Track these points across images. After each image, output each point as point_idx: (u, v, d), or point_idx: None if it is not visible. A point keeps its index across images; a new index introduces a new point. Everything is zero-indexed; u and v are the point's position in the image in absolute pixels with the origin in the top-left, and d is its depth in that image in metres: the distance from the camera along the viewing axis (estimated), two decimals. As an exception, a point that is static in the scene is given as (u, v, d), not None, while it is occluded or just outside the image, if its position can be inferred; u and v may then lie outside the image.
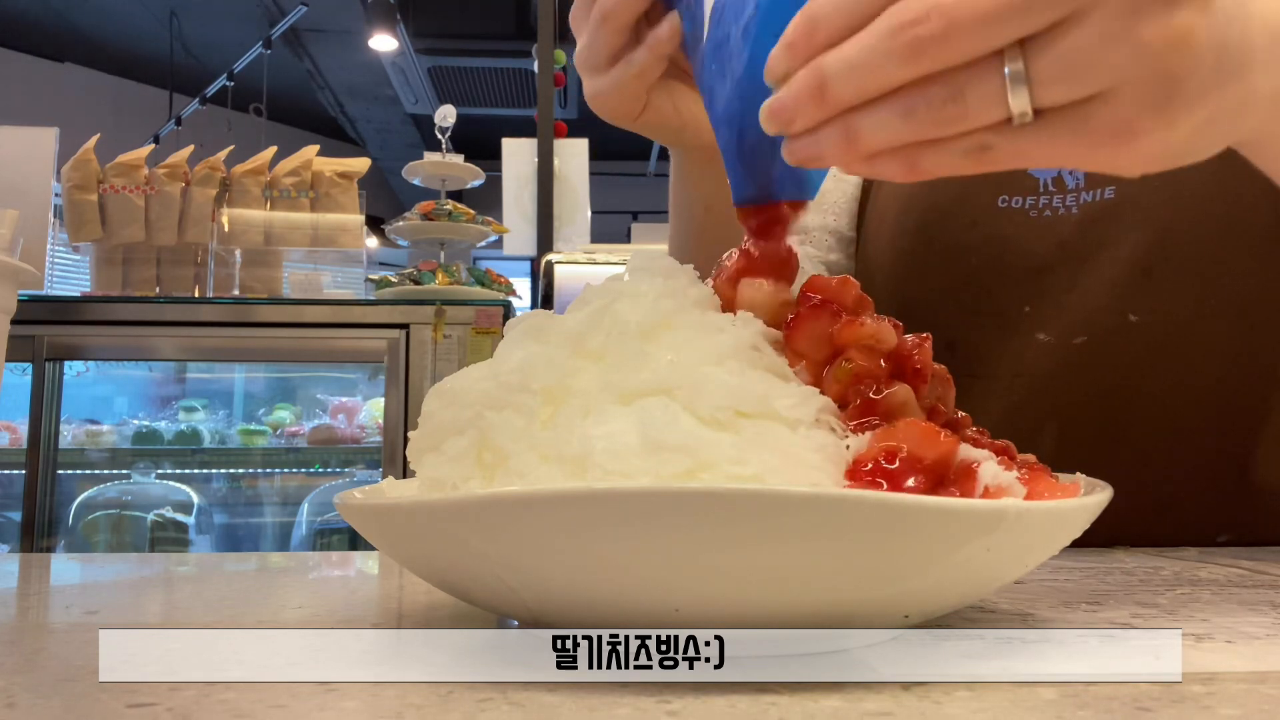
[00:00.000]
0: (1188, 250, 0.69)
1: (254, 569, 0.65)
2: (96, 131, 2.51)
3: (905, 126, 0.34)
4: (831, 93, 0.34)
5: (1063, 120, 0.34)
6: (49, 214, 2.15)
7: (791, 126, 0.36)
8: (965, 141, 0.34)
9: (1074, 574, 0.53)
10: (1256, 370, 0.69)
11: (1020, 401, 0.73)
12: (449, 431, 0.38)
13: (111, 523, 2.50)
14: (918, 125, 0.34)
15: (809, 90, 0.35)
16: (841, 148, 0.35)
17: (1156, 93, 0.33)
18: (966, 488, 0.34)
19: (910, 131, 0.34)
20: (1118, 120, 0.33)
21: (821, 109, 0.35)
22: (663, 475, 0.33)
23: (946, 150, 0.35)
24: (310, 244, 2.44)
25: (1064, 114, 0.34)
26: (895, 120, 0.34)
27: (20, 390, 2.16)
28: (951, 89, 0.33)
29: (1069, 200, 0.72)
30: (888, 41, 0.33)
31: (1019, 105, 0.33)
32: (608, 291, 0.40)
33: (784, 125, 0.36)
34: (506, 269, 2.81)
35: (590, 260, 2.71)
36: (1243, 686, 0.31)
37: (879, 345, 0.37)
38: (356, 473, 2.66)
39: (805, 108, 0.35)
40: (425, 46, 5.23)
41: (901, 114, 0.34)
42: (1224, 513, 0.70)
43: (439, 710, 0.28)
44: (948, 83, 0.33)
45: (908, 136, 0.34)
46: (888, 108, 0.34)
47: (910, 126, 0.34)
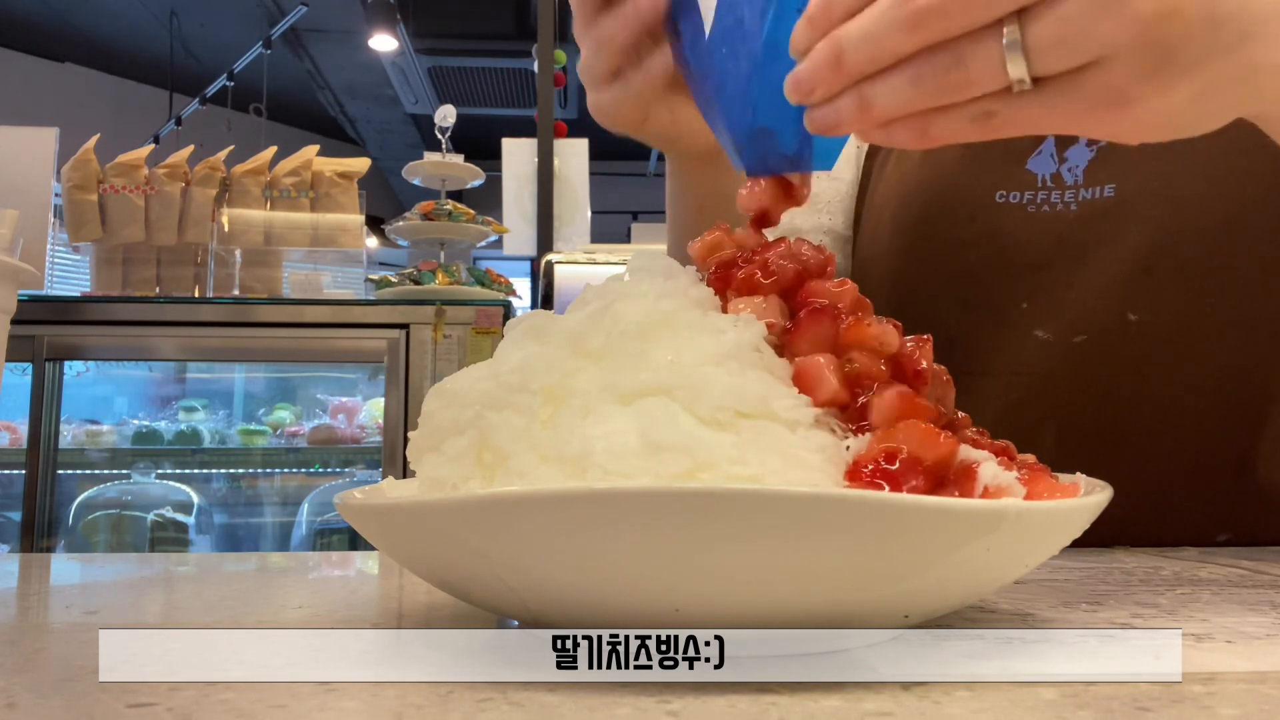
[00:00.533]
0: (1188, 249, 0.69)
1: (254, 569, 0.65)
2: (96, 131, 2.51)
3: (914, 93, 0.36)
4: (847, 62, 0.37)
5: (1060, 88, 0.36)
6: (49, 214, 2.15)
7: (812, 96, 0.38)
8: (970, 108, 0.37)
9: (1074, 574, 0.53)
10: (1257, 370, 0.69)
11: (1019, 400, 0.73)
12: (449, 431, 0.38)
13: (111, 523, 2.50)
14: (925, 92, 0.36)
15: (827, 61, 0.37)
16: (857, 115, 0.38)
17: (1148, 61, 0.35)
18: (966, 488, 0.34)
19: (919, 98, 0.37)
20: (1112, 87, 0.35)
21: (839, 78, 0.37)
22: (663, 475, 0.33)
23: (954, 117, 0.37)
24: (310, 244, 2.44)
25: (1061, 82, 0.36)
26: (905, 87, 0.36)
27: (20, 390, 2.16)
28: (954, 56, 0.36)
29: (1068, 196, 0.73)
30: (895, 12, 0.35)
31: (1016, 72, 0.35)
32: (608, 292, 0.41)
33: (805, 95, 0.38)
34: (506, 269, 2.81)
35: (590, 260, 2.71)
36: (1243, 686, 0.31)
37: (881, 348, 0.37)
38: (356, 473, 2.67)
39: (824, 77, 0.37)
40: (425, 46, 5.23)
41: (910, 81, 0.36)
42: (1224, 512, 0.70)
43: (439, 710, 0.28)
44: (951, 50, 0.36)
45: (917, 103, 0.37)
46: (898, 75, 0.37)
47: (918, 93, 0.36)
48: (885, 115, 0.37)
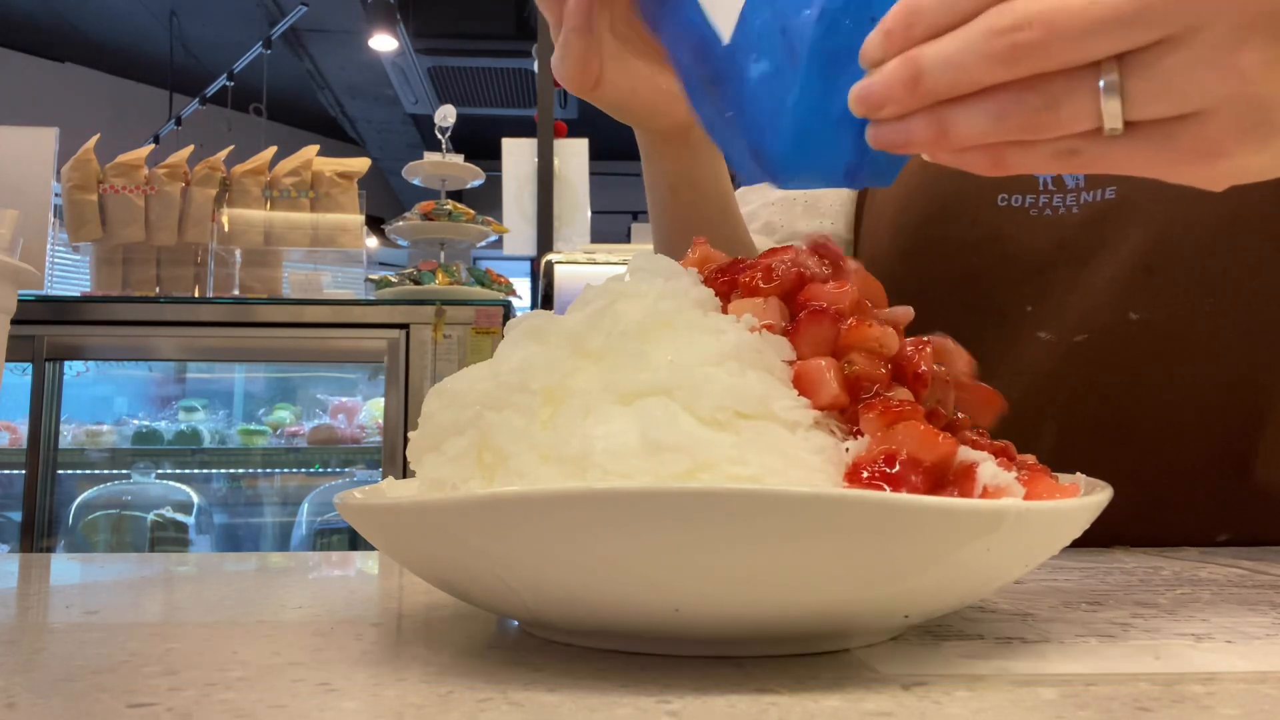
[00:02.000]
0: (1189, 249, 0.69)
1: (254, 569, 0.65)
2: (96, 131, 2.51)
3: (996, 126, 0.35)
4: (925, 84, 0.35)
5: (1152, 135, 0.34)
6: (49, 214, 2.15)
7: (880, 111, 0.37)
8: (1054, 145, 0.35)
9: (1074, 574, 0.53)
10: (1257, 369, 0.69)
11: (1020, 400, 0.73)
12: (449, 432, 0.38)
13: (111, 523, 2.50)
14: (1009, 127, 0.35)
15: (903, 80, 0.35)
16: (931, 138, 0.36)
17: (1247, 118, 0.34)
18: (966, 488, 0.34)
19: (1001, 132, 0.35)
20: (1207, 141, 0.34)
21: (913, 99, 0.36)
22: (663, 475, 0.33)
23: (1035, 152, 0.36)
24: (310, 244, 2.44)
25: (1153, 129, 0.34)
26: (986, 120, 0.35)
27: (20, 390, 2.16)
28: (1046, 97, 0.34)
29: (1069, 199, 0.73)
30: (988, 43, 0.33)
31: (1111, 118, 0.34)
32: (608, 292, 0.41)
33: (873, 109, 0.37)
34: (506, 269, 2.81)
35: (590, 260, 2.71)
36: (1243, 686, 0.31)
37: (882, 350, 0.37)
38: (356, 473, 2.67)
39: (897, 96, 0.36)
40: (425, 46, 5.22)
41: (995, 115, 0.35)
42: (1224, 512, 0.70)
43: (439, 710, 0.28)
44: (1042, 90, 0.34)
45: (997, 136, 0.35)
46: (980, 106, 0.35)
47: (1001, 127, 0.35)
48: (962, 144, 0.36)
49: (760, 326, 0.38)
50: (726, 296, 0.40)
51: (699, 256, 0.44)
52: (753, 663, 0.33)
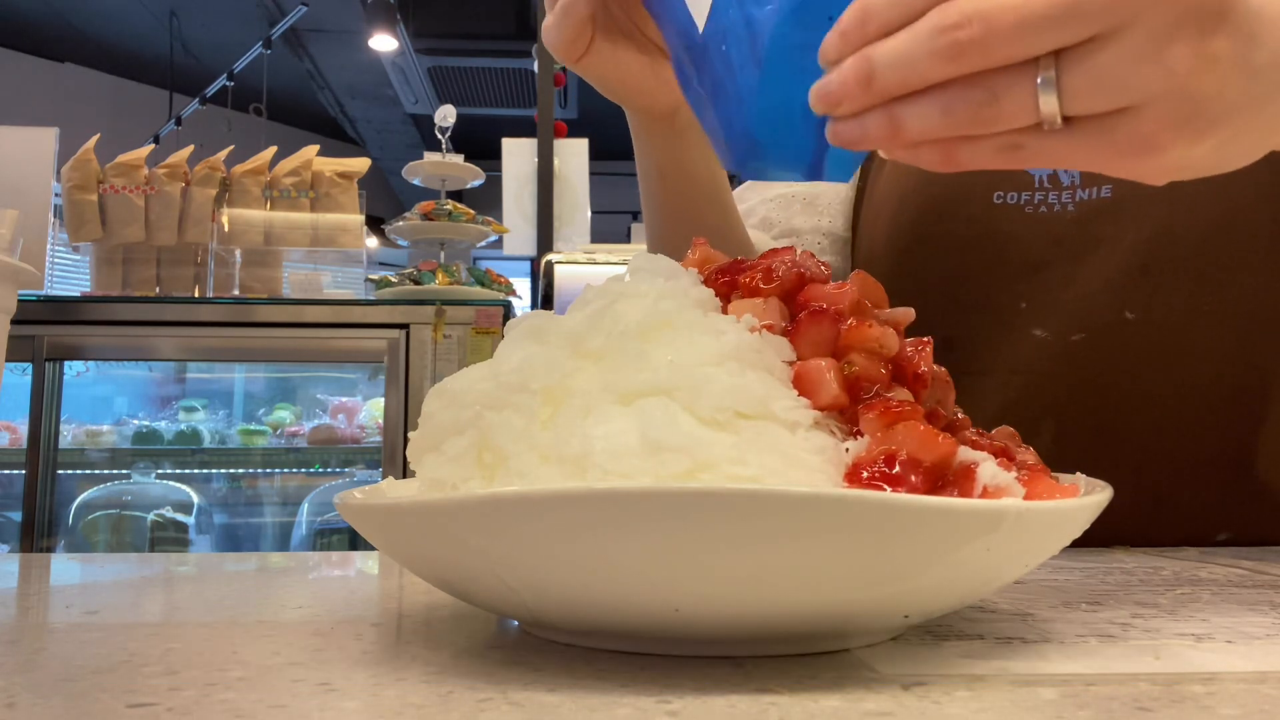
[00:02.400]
0: (1185, 248, 0.69)
1: (254, 569, 0.65)
2: (96, 131, 2.51)
3: (944, 121, 0.36)
4: (878, 82, 0.36)
5: (1090, 129, 0.36)
6: (49, 214, 2.15)
7: (838, 109, 0.38)
8: (999, 140, 0.37)
9: (1074, 574, 0.53)
10: (1254, 368, 0.69)
11: (1017, 398, 0.73)
12: (449, 432, 0.38)
13: (111, 523, 2.50)
14: (955, 121, 0.36)
15: (857, 77, 0.37)
16: (886, 134, 0.38)
17: (1180, 111, 0.35)
18: (965, 488, 0.34)
19: (948, 126, 0.36)
20: (1142, 135, 0.35)
21: (868, 96, 0.37)
22: (663, 475, 0.33)
23: (981, 147, 0.37)
24: (310, 244, 2.44)
25: (1092, 123, 0.35)
26: (935, 115, 0.36)
27: (20, 390, 2.16)
28: (988, 92, 0.35)
29: (1065, 197, 0.73)
30: (933, 40, 0.35)
31: (1048, 112, 0.35)
32: (608, 292, 0.41)
33: (831, 107, 0.38)
34: (506, 269, 2.81)
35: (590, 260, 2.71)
36: (1243, 686, 0.31)
37: (882, 350, 0.37)
38: (356, 473, 2.66)
39: (853, 93, 0.37)
40: (425, 46, 5.22)
41: (941, 110, 0.36)
42: (1224, 512, 0.70)
43: (439, 710, 0.28)
44: (985, 86, 0.35)
45: (945, 131, 0.37)
46: (929, 102, 0.36)
47: (948, 122, 0.36)
48: (913, 139, 0.37)
49: (760, 327, 0.38)
50: (727, 297, 0.41)
51: (699, 257, 0.44)
52: (753, 663, 0.33)
